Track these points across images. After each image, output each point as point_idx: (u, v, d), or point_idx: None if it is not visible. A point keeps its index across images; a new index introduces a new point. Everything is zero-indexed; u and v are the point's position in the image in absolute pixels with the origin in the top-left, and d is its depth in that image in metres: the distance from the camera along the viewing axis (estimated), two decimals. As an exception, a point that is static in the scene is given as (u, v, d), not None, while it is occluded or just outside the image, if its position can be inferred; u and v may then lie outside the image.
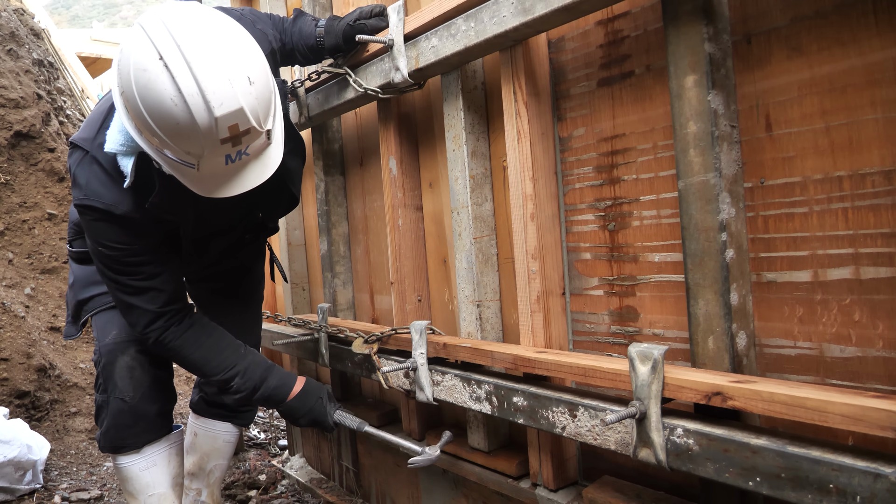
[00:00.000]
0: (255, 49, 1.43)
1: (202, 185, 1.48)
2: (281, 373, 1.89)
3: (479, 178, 1.77)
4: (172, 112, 1.32)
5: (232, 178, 1.48)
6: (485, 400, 1.57)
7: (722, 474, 1.08)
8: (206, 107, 1.31)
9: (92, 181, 1.64)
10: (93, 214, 1.65)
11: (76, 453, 3.24)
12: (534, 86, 1.57)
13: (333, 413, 1.89)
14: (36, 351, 3.47)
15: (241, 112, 1.35)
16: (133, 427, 1.99)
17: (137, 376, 1.96)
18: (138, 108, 1.35)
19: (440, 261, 2.06)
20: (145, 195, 1.61)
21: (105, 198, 1.63)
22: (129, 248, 1.69)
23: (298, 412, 1.88)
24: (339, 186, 2.53)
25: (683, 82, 1.21)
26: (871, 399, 0.94)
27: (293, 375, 1.91)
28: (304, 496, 2.85)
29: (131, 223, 1.65)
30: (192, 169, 1.43)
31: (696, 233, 1.22)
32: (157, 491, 2.06)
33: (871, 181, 1.08)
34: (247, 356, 1.86)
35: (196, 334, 1.82)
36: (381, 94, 1.92)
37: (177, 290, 1.81)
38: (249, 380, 1.83)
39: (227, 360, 1.83)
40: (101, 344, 1.98)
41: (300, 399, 1.87)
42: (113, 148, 1.57)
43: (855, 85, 1.09)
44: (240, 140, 1.39)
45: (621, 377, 1.25)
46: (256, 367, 1.85)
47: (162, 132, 1.36)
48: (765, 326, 1.24)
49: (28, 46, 5.01)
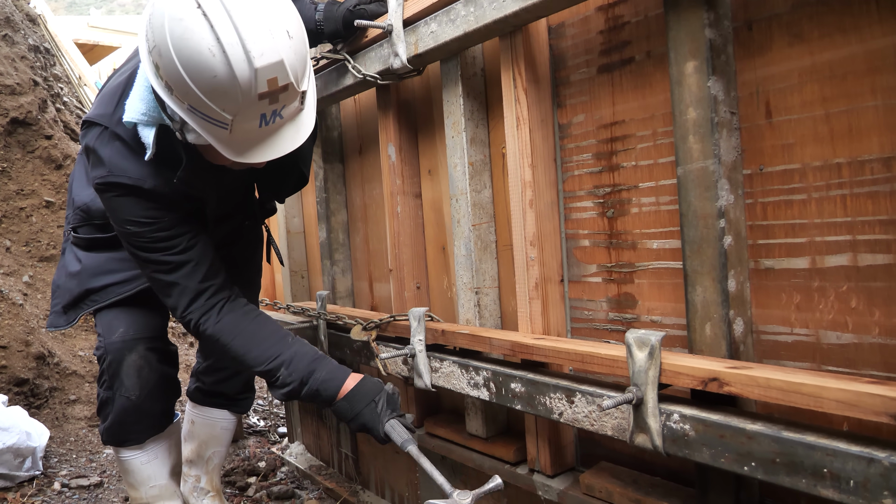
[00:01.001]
0: (291, 5, 1.38)
1: (234, 147, 1.41)
2: (331, 365, 1.69)
3: (478, 165, 1.77)
4: (210, 63, 1.26)
5: (264, 142, 1.42)
6: (483, 386, 1.58)
7: (717, 460, 1.09)
8: (245, 57, 1.26)
9: (115, 157, 1.58)
10: (119, 191, 1.59)
11: (76, 440, 3.26)
12: (533, 72, 1.56)
13: (386, 421, 1.61)
14: (35, 339, 3.47)
15: (280, 65, 1.29)
16: (137, 424, 2.00)
17: (145, 375, 1.94)
18: (172, 62, 1.29)
19: (439, 248, 2.06)
20: (169, 169, 1.56)
21: (132, 172, 1.57)
22: (159, 221, 1.63)
23: (347, 415, 1.64)
24: (338, 174, 2.53)
25: (684, 68, 1.21)
26: (866, 385, 0.95)
27: (346, 370, 1.69)
28: (303, 483, 2.87)
29: (161, 198, 1.60)
30: (224, 130, 1.37)
31: (694, 220, 1.22)
32: (158, 483, 2.09)
33: (870, 168, 1.08)
34: (293, 345, 1.70)
35: (237, 319, 1.70)
36: (380, 81, 1.91)
37: (214, 266, 1.73)
38: (295, 371, 1.65)
39: (271, 350, 1.67)
40: (106, 341, 1.93)
41: (349, 400, 1.63)
42: (133, 117, 1.51)
43: (855, 72, 1.09)
44: (277, 97, 1.33)
45: (619, 363, 1.25)
46: (303, 358, 1.67)
47: (197, 87, 1.30)
48: (762, 313, 1.25)
49: (24, 32, 4.98)
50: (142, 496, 2.09)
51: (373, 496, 2.52)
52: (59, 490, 2.70)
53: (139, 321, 1.95)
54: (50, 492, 2.67)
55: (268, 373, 1.67)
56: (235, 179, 1.53)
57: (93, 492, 2.73)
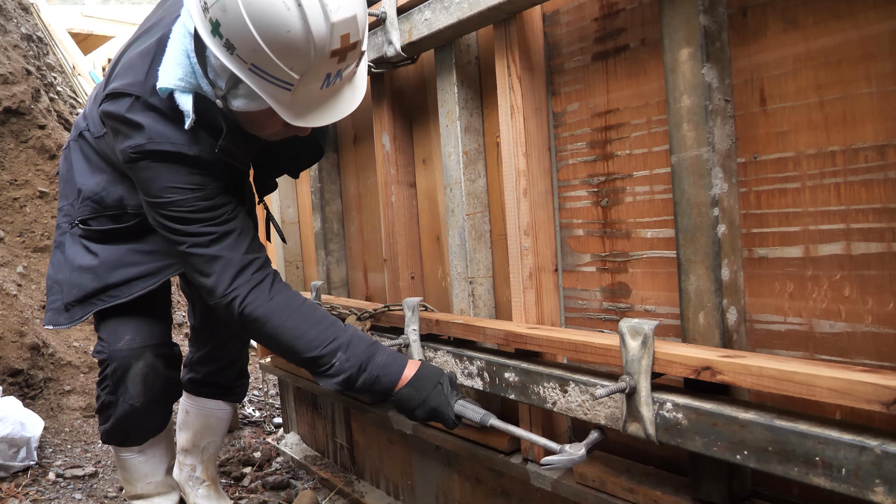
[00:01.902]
0: None
1: (293, 110, 1.37)
2: (389, 350, 1.60)
3: (472, 154, 1.76)
4: (284, 18, 1.21)
5: (324, 105, 1.39)
6: (476, 376, 1.58)
7: (710, 448, 1.09)
8: (322, 11, 1.21)
9: (154, 124, 1.50)
10: (161, 158, 1.51)
11: (70, 431, 3.25)
12: (528, 60, 1.55)
13: (455, 403, 1.53)
14: (29, 329, 3.46)
15: (354, 20, 1.25)
16: (139, 428, 2.01)
17: (150, 381, 1.91)
18: (240, 18, 1.23)
19: (433, 238, 2.06)
20: (212, 138, 1.51)
21: (174, 139, 1.49)
22: (204, 188, 1.54)
23: (413, 401, 1.52)
24: (332, 163, 2.51)
25: (678, 55, 1.20)
26: (859, 373, 0.94)
27: (403, 356, 1.61)
28: (298, 473, 2.87)
29: (204, 164, 1.53)
30: (287, 91, 1.32)
31: (688, 208, 1.22)
32: (155, 479, 2.11)
33: (864, 156, 1.08)
34: (348, 329, 1.59)
35: (289, 299, 1.58)
36: (374, 69, 1.90)
37: (256, 239, 1.65)
38: (354, 356, 1.53)
39: (327, 332, 1.55)
40: (111, 348, 1.86)
41: (414, 386, 1.53)
42: (170, 83, 1.44)
43: (850, 58, 1.08)
44: (345, 56, 1.29)
45: (612, 352, 1.25)
46: (360, 342, 1.56)
47: (266, 44, 1.25)
48: (755, 302, 1.24)
49: (16, 21, 4.94)
50: (137, 491, 2.11)
51: (367, 486, 2.52)
52: (54, 480, 2.70)
53: (145, 328, 1.89)
54: (45, 482, 2.67)
55: (321, 358, 1.53)
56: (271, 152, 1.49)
57: (87, 482, 2.73)
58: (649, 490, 1.36)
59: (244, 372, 2.40)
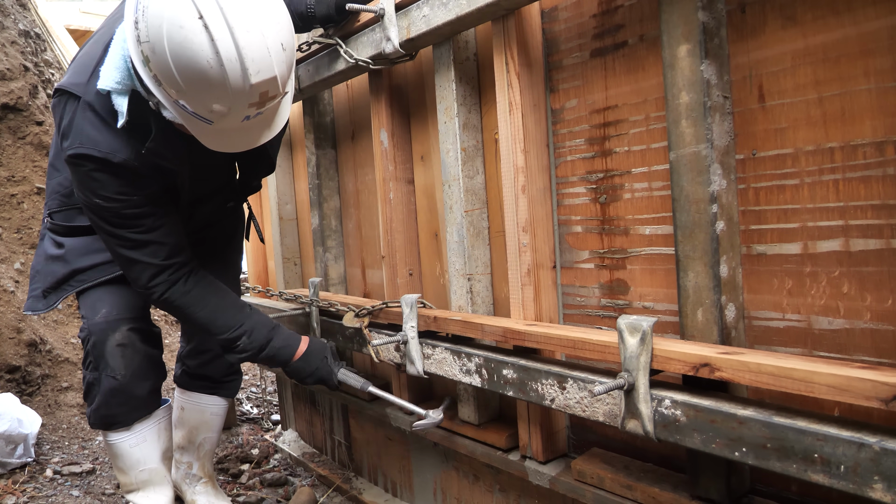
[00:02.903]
0: (284, 9, 1.40)
1: (213, 139, 1.47)
2: (285, 333, 1.89)
3: (470, 151, 1.76)
4: (206, 73, 1.29)
5: (244, 134, 1.48)
6: (475, 373, 1.58)
7: (708, 445, 1.09)
8: (242, 73, 1.30)
9: (86, 128, 1.57)
10: (89, 164, 1.58)
11: (68, 427, 3.25)
12: (526, 56, 1.55)
13: (338, 371, 1.90)
14: (26, 326, 3.45)
15: (274, 80, 1.35)
16: (125, 405, 1.99)
17: (129, 354, 1.95)
18: (166, 63, 1.31)
19: (431, 235, 2.05)
20: (141, 140, 1.56)
21: (102, 145, 1.56)
22: (128, 199, 1.63)
23: (304, 372, 1.88)
24: (330, 160, 2.51)
25: (676, 52, 1.19)
26: (857, 370, 0.94)
27: (297, 336, 1.91)
28: (296, 470, 2.87)
29: (129, 172, 1.60)
30: (207, 124, 1.42)
31: (686, 204, 1.21)
32: (148, 466, 2.07)
33: (863, 152, 1.07)
34: (252, 315, 1.84)
35: (202, 292, 1.79)
36: (373, 66, 1.89)
37: (179, 244, 1.77)
38: (255, 340, 1.82)
39: (234, 319, 1.81)
40: (90, 322, 1.94)
41: (305, 360, 1.87)
42: (108, 85, 1.51)
43: (849, 55, 1.08)
44: (265, 103, 1.39)
45: (610, 349, 1.25)
46: (262, 328, 1.84)
47: (188, 89, 1.34)
48: (754, 299, 1.24)
49: (14, 17, 4.92)
50: (131, 481, 2.08)
51: (365, 483, 2.52)
52: (52, 477, 2.69)
53: (122, 302, 1.96)
54: (42, 479, 2.67)
55: (228, 340, 1.81)
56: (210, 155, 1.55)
57: (85, 479, 2.73)
58: (647, 487, 1.36)
59: (235, 368, 2.40)
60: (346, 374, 1.91)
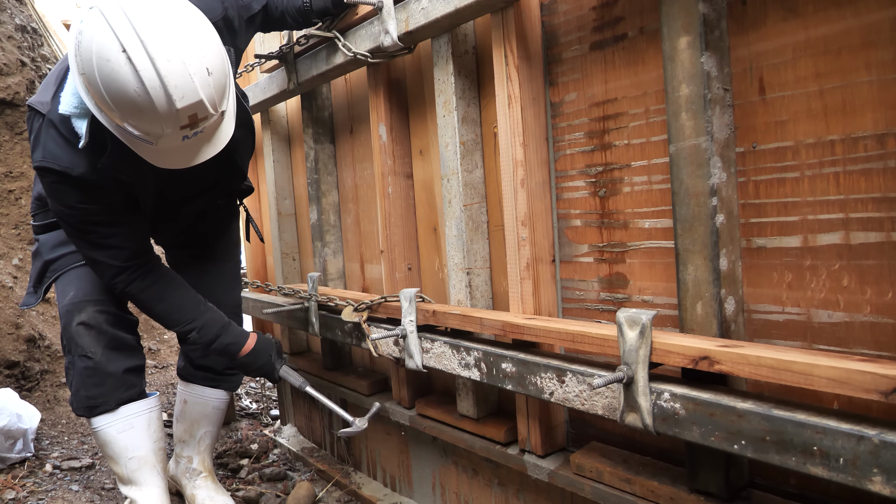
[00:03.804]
0: (212, 34, 1.47)
1: (158, 157, 1.56)
2: (235, 331, 2.02)
3: (469, 145, 1.75)
4: (135, 101, 1.38)
5: (187, 152, 1.56)
6: (474, 367, 1.57)
7: (707, 438, 1.09)
8: (167, 100, 1.37)
9: (48, 143, 1.67)
10: (51, 177, 1.69)
11: (67, 422, 3.24)
12: (525, 49, 1.54)
13: (280, 368, 2.08)
14: (25, 321, 3.45)
15: (200, 104, 1.42)
16: (102, 385, 1.99)
17: (94, 334, 1.99)
18: (100, 92, 1.40)
19: (430, 229, 2.05)
20: (101, 156, 1.64)
21: (61, 160, 1.66)
22: (88, 208, 1.74)
23: (250, 367, 2.05)
24: (328, 155, 2.50)
25: (676, 44, 1.19)
26: (857, 362, 0.94)
27: (246, 333, 2.05)
28: (295, 464, 2.87)
29: (88, 185, 1.69)
30: (150, 145, 1.50)
31: (686, 198, 1.21)
32: (137, 454, 2.06)
33: (864, 145, 1.07)
34: (205, 313, 1.97)
35: (160, 289, 1.92)
36: (371, 59, 1.89)
37: (139, 248, 1.88)
38: (205, 335, 1.96)
39: (187, 315, 1.95)
40: (60, 307, 2.02)
41: (252, 356, 2.03)
42: (67, 110, 1.61)
43: (850, 47, 1.07)
44: (197, 124, 1.47)
45: (609, 342, 1.24)
46: (213, 325, 1.97)
47: (123, 115, 1.42)
48: (753, 292, 1.24)
49: (10, 11, 4.90)
50: (123, 471, 2.06)
51: (364, 477, 2.52)
52: (51, 472, 2.69)
53: (88, 285, 2.02)
54: (41, 473, 2.66)
55: (183, 333, 1.97)
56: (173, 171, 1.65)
57: (84, 473, 2.72)
58: (646, 480, 1.36)
59: None
60: (287, 371, 2.08)
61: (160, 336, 4.54)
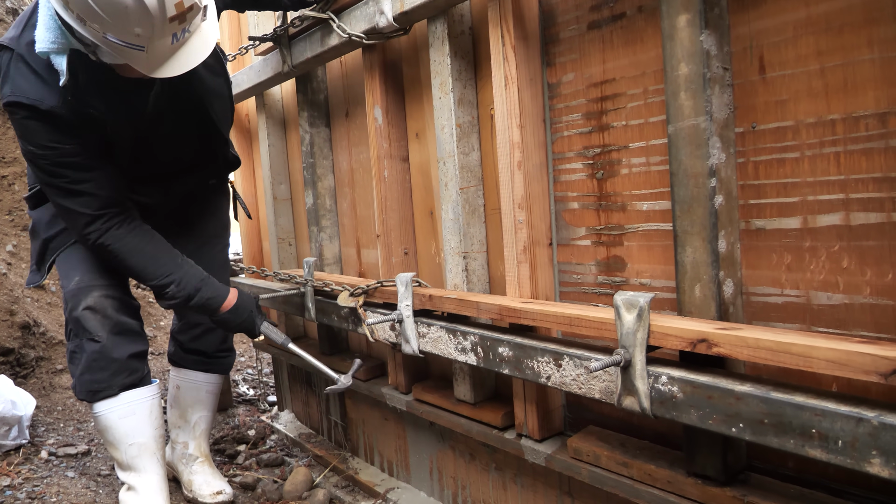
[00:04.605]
0: None
1: (150, 64, 1.54)
2: (215, 285, 1.99)
3: (465, 127, 1.73)
4: None
5: (176, 56, 1.55)
6: (470, 351, 1.56)
7: (705, 421, 1.08)
8: None
9: (17, 78, 1.66)
10: (20, 112, 1.68)
11: (63, 409, 3.24)
12: (522, 29, 1.52)
13: (261, 324, 2.05)
14: (19, 308, 3.43)
15: None
16: (107, 369, 1.98)
17: (99, 318, 1.98)
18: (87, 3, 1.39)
19: (427, 213, 2.03)
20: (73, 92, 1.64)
21: (30, 93, 1.65)
22: (59, 147, 1.72)
23: (231, 323, 2.01)
24: (324, 138, 2.48)
25: (675, 22, 1.17)
26: (856, 344, 0.93)
27: (226, 288, 2.02)
28: (292, 450, 2.87)
29: (58, 120, 1.68)
30: (140, 52, 1.49)
31: (685, 179, 1.19)
32: (138, 440, 2.04)
33: (865, 124, 1.05)
34: (183, 266, 1.95)
35: (136, 241, 1.89)
36: (366, 41, 1.86)
37: (113, 196, 1.85)
38: (184, 289, 1.93)
39: (164, 268, 1.91)
40: (66, 290, 2.00)
41: (233, 312, 2.00)
42: (44, 47, 1.59)
43: (852, 24, 1.05)
44: (185, 17, 1.47)
45: (607, 326, 1.23)
46: (192, 279, 1.94)
47: (111, 18, 1.41)
48: (752, 274, 1.23)
49: None
50: (123, 457, 2.05)
51: (362, 462, 2.52)
52: (46, 458, 2.68)
53: (93, 272, 2.01)
54: (37, 460, 2.66)
55: (158, 287, 1.92)
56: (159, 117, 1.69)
57: (80, 460, 2.72)
58: (643, 464, 1.35)
59: (226, 341, 2.41)
60: (268, 327, 2.05)
61: (156, 323, 4.53)
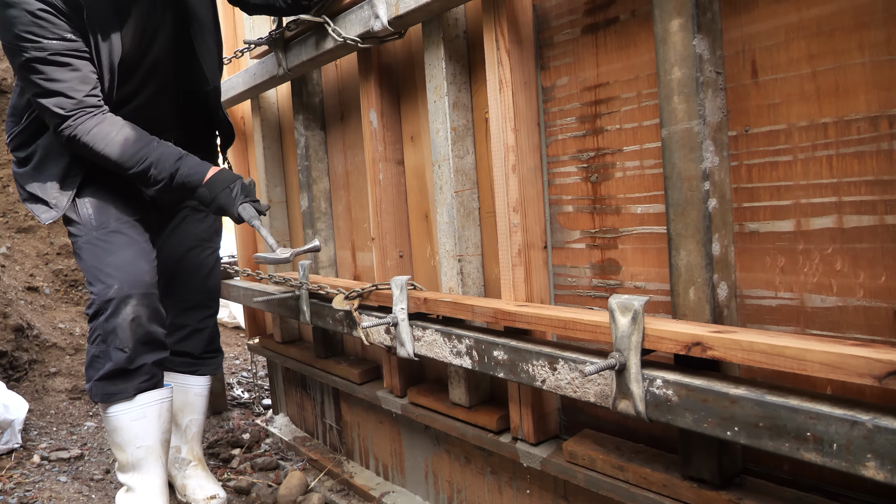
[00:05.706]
0: None
1: None
2: (193, 161, 1.95)
3: (460, 131, 1.73)
4: None
5: None
6: (465, 354, 1.56)
7: (700, 424, 1.08)
8: None
9: None
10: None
11: (56, 413, 3.22)
12: (516, 33, 1.52)
13: (239, 204, 1.90)
14: (13, 311, 3.42)
15: None
16: (129, 378, 1.98)
17: (134, 328, 1.95)
18: None
19: (422, 216, 2.03)
20: None
21: None
22: (39, 42, 1.75)
23: (206, 198, 1.92)
24: (319, 141, 2.48)
25: (668, 26, 1.17)
26: (850, 347, 0.93)
27: (207, 164, 1.96)
28: (287, 454, 2.86)
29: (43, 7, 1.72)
30: None
31: (678, 182, 1.20)
32: (145, 443, 2.03)
33: (857, 127, 1.06)
34: (158, 148, 1.93)
35: (106, 129, 1.89)
36: (361, 44, 1.86)
37: (91, 91, 1.87)
38: (163, 169, 1.91)
39: (141, 153, 1.90)
40: (101, 298, 1.94)
41: (208, 186, 1.92)
42: None
43: (843, 28, 1.06)
44: None
45: (601, 329, 1.23)
46: (169, 157, 1.92)
47: None
48: (746, 277, 1.23)
49: None
50: (127, 459, 2.03)
51: (357, 466, 2.52)
52: (39, 463, 2.67)
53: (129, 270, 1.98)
54: (29, 464, 2.64)
55: (141, 173, 1.91)
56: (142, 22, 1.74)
57: (73, 464, 2.71)
58: (639, 467, 1.35)
59: (213, 342, 2.40)
60: (245, 208, 1.89)
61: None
